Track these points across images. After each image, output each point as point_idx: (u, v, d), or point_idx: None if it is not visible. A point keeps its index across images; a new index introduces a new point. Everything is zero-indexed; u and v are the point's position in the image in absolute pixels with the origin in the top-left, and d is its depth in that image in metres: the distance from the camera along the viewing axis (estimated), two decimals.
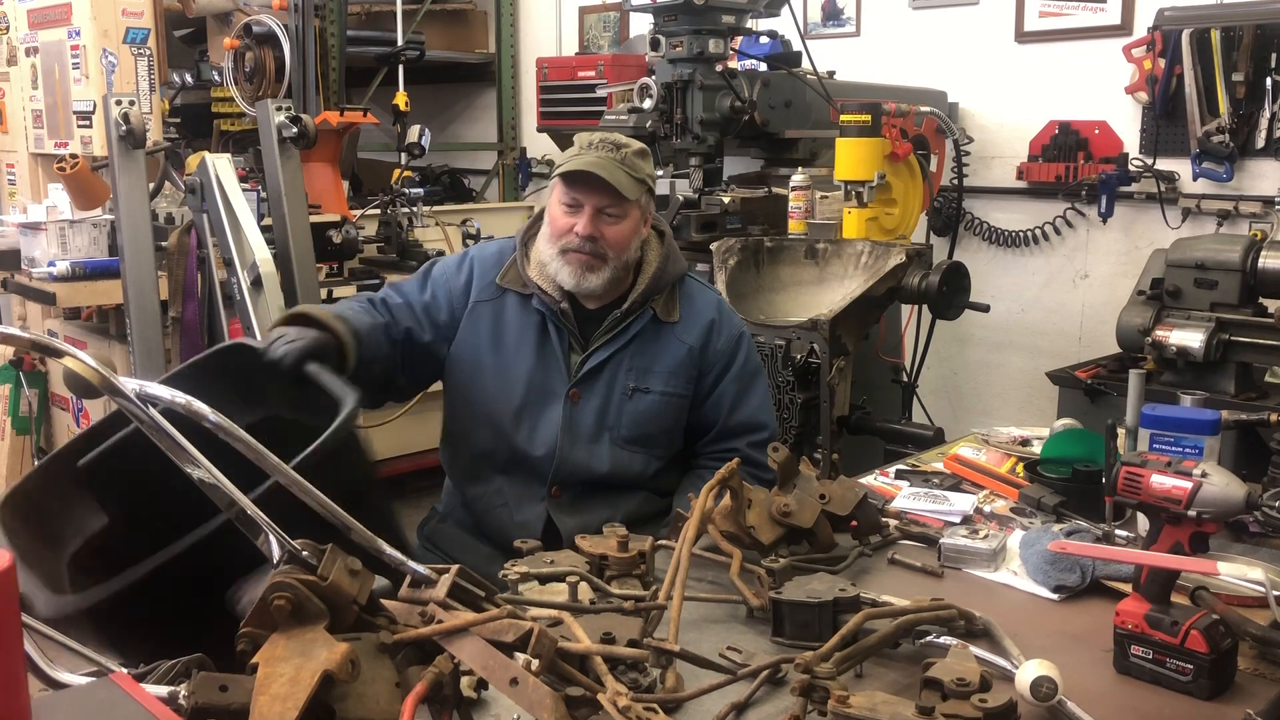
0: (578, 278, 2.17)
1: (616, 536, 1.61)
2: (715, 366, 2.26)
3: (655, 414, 2.23)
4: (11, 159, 4.89)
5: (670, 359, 2.23)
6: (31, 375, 4.36)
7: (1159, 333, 3.03)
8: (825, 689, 1.22)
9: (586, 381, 2.22)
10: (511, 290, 2.26)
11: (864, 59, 4.65)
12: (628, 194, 2.13)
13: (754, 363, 2.33)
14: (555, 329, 2.23)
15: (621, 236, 2.17)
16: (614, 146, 2.16)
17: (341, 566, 1.13)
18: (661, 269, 2.25)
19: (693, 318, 2.27)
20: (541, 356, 2.23)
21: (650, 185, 2.22)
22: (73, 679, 1.15)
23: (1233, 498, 1.52)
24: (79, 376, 1.12)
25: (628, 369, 2.22)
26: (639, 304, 2.23)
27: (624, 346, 2.22)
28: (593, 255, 2.16)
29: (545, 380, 2.22)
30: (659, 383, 2.23)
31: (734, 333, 2.30)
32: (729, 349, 2.28)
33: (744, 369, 2.29)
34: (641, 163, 2.18)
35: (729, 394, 2.27)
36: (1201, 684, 1.39)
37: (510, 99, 6.16)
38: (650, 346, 2.23)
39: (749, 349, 2.33)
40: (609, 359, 2.22)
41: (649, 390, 2.22)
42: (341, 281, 4.13)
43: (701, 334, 2.26)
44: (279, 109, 3.20)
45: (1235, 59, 3.63)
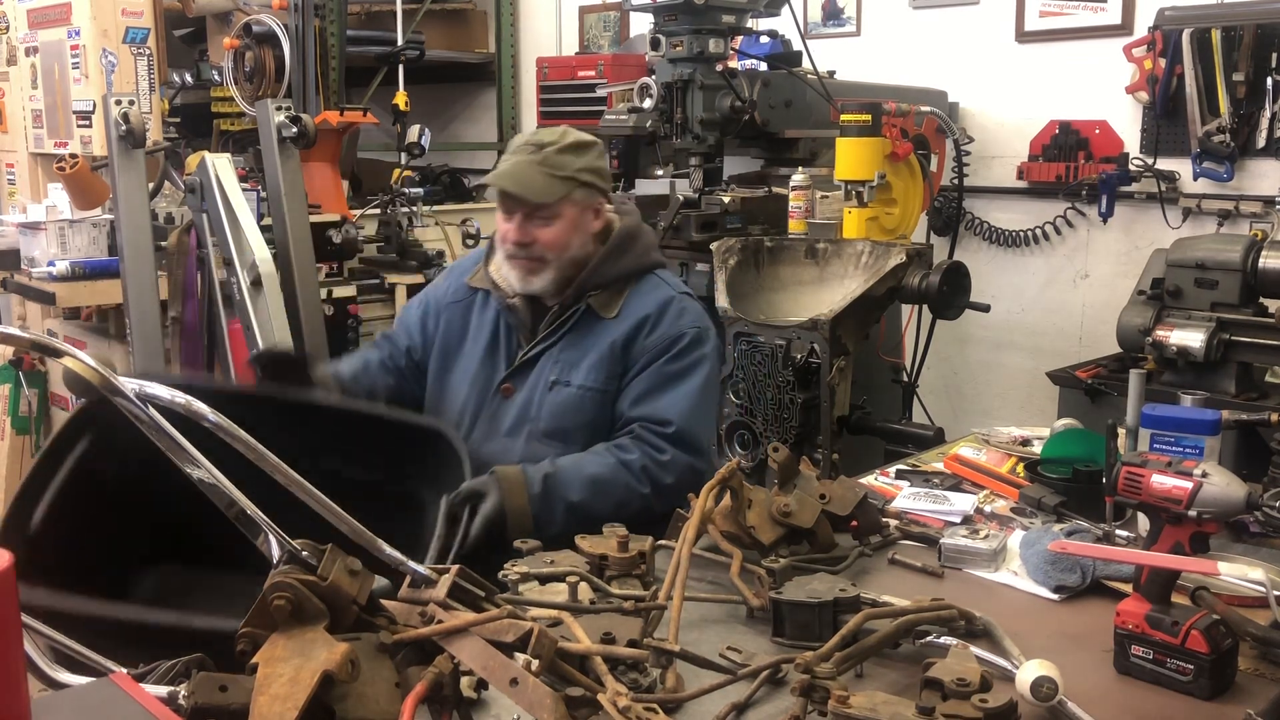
0: (523, 282, 2.20)
1: (616, 536, 1.61)
2: (638, 362, 2.20)
3: (572, 408, 2.20)
4: (11, 159, 4.89)
5: (595, 353, 2.20)
6: (31, 375, 4.36)
7: (1159, 333, 3.03)
8: (825, 689, 1.22)
9: (518, 376, 2.24)
10: (479, 289, 2.31)
11: (864, 59, 4.65)
12: (540, 198, 2.12)
13: (683, 365, 2.21)
14: (506, 326, 2.27)
15: (556, 237, 2.16)
16: (536, 147, 2.14)
17: (341, 566, 1.12)
18: (601, 265, 2.22)
19: (629, 314, 2.22)
20: (491, 354, 2.28)
21: (584, 179, 2.17)
22: (73, 679, 1.15)
23: (1233, 498, 1.52)
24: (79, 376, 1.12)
25: (555, 362, 2.22)
26: (572, 299, 2.21)
27: (555, 342, 2.23)
28: (530, 259, 2.17)
29: (490, 376, 2.27)
30: (579, 376, 2.20)
31: (671, 333, 2.21)
32: (657, 346, 2.20)
33: (665, 366, 2.19)
34: (569, 158, 2.14)
35: (638, 388, 2.20)
36: (1202, 684, 1.39)
37: (510, 99, 6.16)
38: (581, 341, 2.21)
39: (683, 351, 2.21)
40: (542, 353, 2.23)
41: (568, 384, 2.20)
42: (341, 281, 4.13)
43: (630, 330, 2.20)
44: (279, 109, 3.20)
45: (1236, 59, 3.62)
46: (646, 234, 2.35)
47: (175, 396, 1.28)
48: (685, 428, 2.17)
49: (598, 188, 2.21)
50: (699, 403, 2.21)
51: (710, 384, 2.28)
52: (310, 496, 1.22)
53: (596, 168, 2.22)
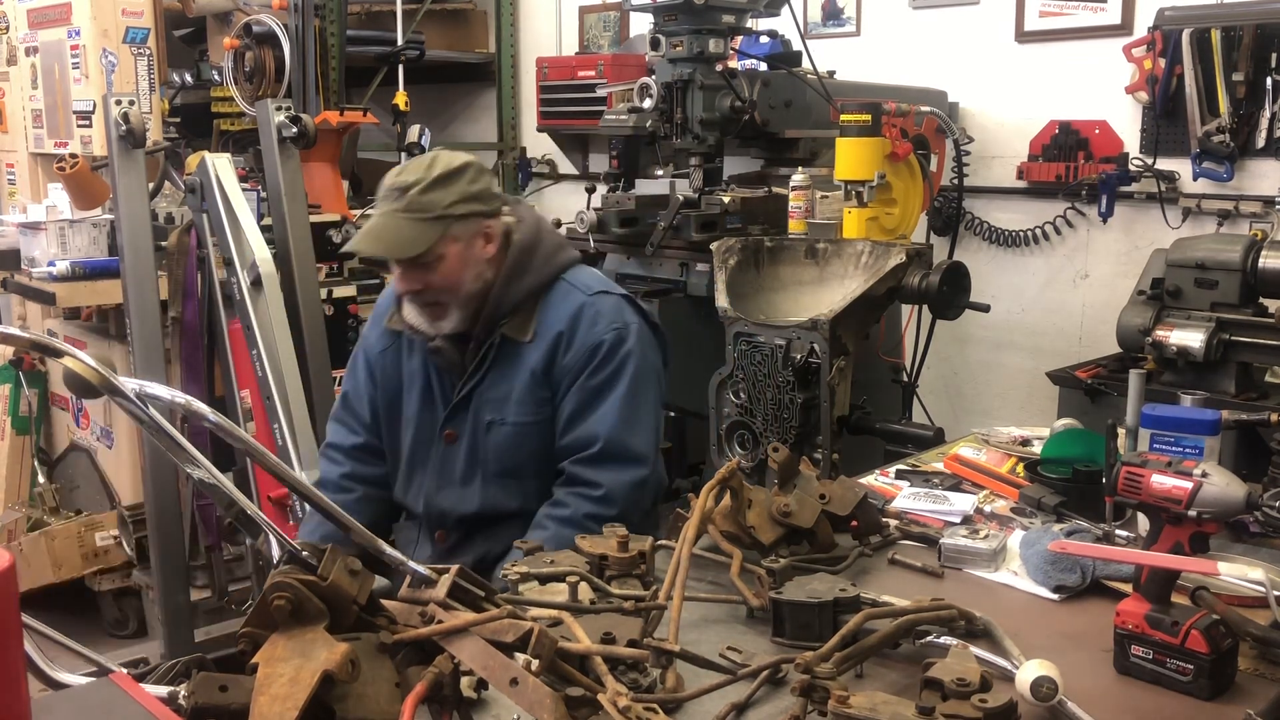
0: (431, 326, 2.11)
1: (616, 536, 1.61)
2: (562, 383, 2.12)
3: (515, 445, 2.12)
4: (11, 159, 4.89)
5: (520, 385, 2.11)
6: (31, 375, 4.36)
7: (1159, 333, 3.03)
8: (825, 689, 1.22)
9: (455, 420, 2.15)
10: (403, 332, 2.19)
11: (864, 59, 4.64)
12: (409, 252, 2.01)
13: (608, 373, 2.11)
14: (435, 368, 2.18)
15: (445, 279, 2.06)
16: (399, 192, 2.01)
17: (341, 566, 1.13)
18: (503, 290, 2.10)
19: (544, 334, 2.12)
20: (426, 400, 2.19)
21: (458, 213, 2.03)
22: (73, 679, 1.15)
23: (1233, 498, 1.52)
24: (79, 376, 1.12)
25: (486, 401, 2.12)
26: (484, 335, 2.11)
27: (481, 379, 2.13)
28: (429, 304, 2.08)
29: (429, 424, 2.18)
30: (511, 413, 2.11)
31: (590, 341, 2.10)
32: (577, 361, 2.10)
33: (589, 380, 2.10)
34: (437, 195, 2.01)
35: (566, 410, 2.11)
36: (1202, 684, 1.39)
37: (510, 99, 6.16)
38: (506, 374, 2.12)
39: (604, 360, 2.11)
40: (471, 392, 2.14)
41: (505, 421, 2.12)
42: (341, 281, 4.13)
43: (546, 352, 2.10)
44: (279, 109, 3.20)
45: (1235, 59, 3.62)
46: (546, 239, 2.20)
47: (175, 397, 1.28)
48: (615, 439, 2.09)
49: (478, 213, 2.07)
50: (628, 408, 2.12)
51: (640, 381, 2.16)
52: (310, 496, 1.22)
53: (472, 193, 2.07)
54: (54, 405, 4.43)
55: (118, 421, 3.92)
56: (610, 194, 3.75)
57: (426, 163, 2.06)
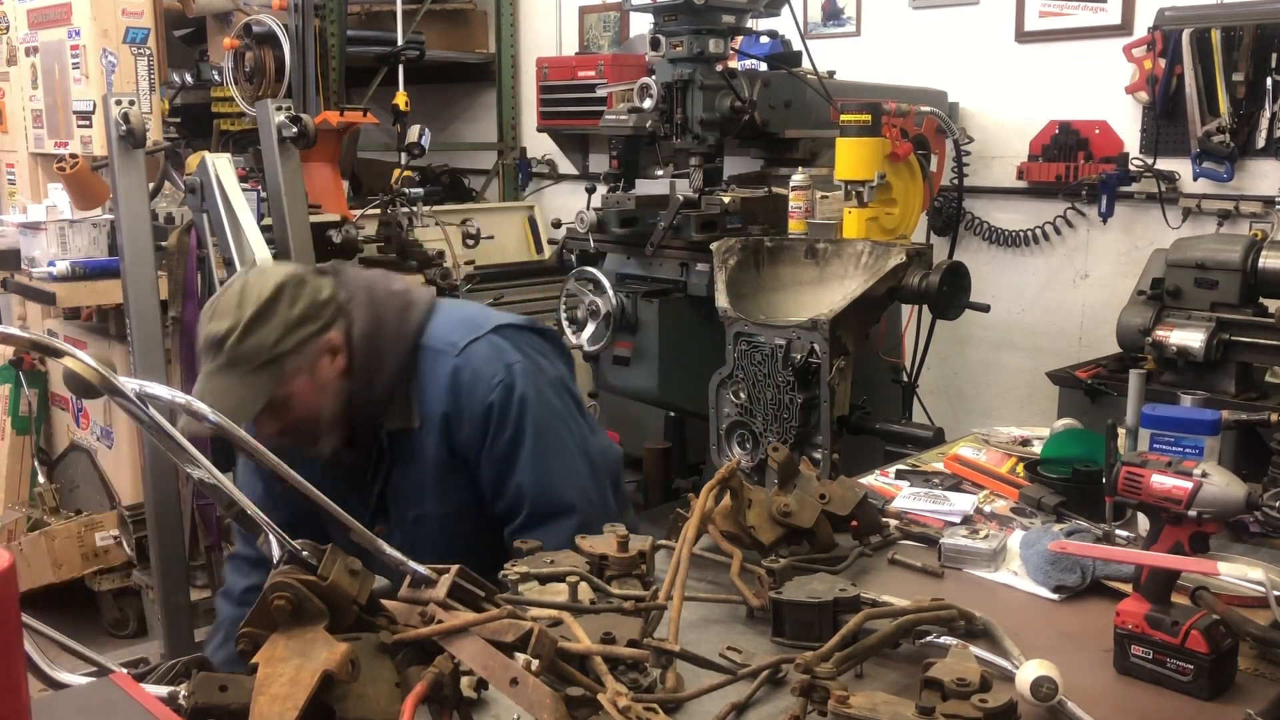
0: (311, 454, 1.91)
1: (616, 536, 1.61)
2: (469, 456, 1.96)
3: (449, 533, 2.00)
4: (11, 159, 4.89)
5: (428, 478, 1.96)
6: (31, 375, 4.36)
7: (1159, 333, 3.03)
8: (825, 689, 1.22)
9: (381, 516, 2.01)
10: None
11: (864, 59, 4.65)
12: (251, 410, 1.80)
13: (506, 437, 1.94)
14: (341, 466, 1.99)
15: (302, 413, 1.86)
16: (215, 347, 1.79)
17: (341, 566, 1.13)
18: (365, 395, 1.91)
19: (430, 417, 1.93)
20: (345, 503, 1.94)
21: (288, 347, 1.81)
22: (73, 679, 1.15)
23: (1233, 498, 1.52)
24: (79, 376, 1.12)
25: (402, 496, 1.98)
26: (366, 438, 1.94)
27: (387, 477, 1.98)
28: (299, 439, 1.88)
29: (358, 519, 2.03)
30: (432, 504, 1.98)
31: (477, 410, 1.93)
32: (475, 434, 1.94)
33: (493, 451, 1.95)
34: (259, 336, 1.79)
35: (486, 481, 1.97)
36: (1202, 684, 1.39)
37: (510, 99, 6.16)
38: (410, 467, 1.96)
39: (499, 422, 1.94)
40: (384, 490, 2.00)
41: (429, 514, 1.98)
42: None
43: (441, 438, 1.93)
44: (279, 109, 3.20)
45: (1235, 59, 3.62)
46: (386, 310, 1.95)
47: (175, 397, 1.28)
48: (539, 498, 1.96)
49: (311, 335, 1.84)
50: (541, 460, 1.96)
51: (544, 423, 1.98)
52: (310, 496, 1.22)
53: (295, 318, 1.83)
54: (54, 405, 4.43)
55: (118, 421, 3.92)
56: (610, 194, 3.75)
57: (235, 301, 1.82)
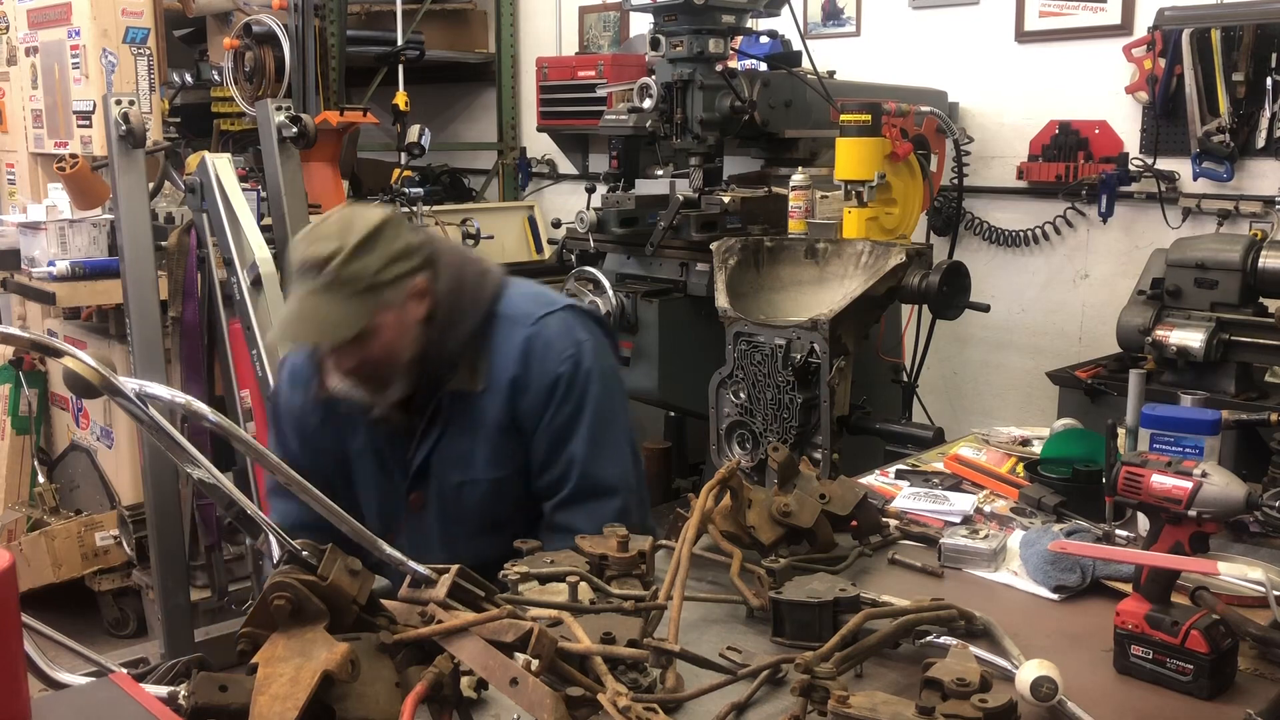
0: (374, 402, 1.93)
1: (616, 536, 1.61)
2: (525, 428, 1.97)
3: (494, 501, 2.00)
4: (11, 159, 4.89)
5: (486, 441, 1.96)
6: (31, 375, 4.36)
7: (1159, 333, 3.03)
8: (825, 689, 1.22)
9: (420, 483, 2.02)
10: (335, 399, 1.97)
11: (864, 59, 4.65)
12: (346, 333, 1.81)
13: (569, 411, 1.97)
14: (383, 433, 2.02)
15: (383, 353, 1.87)
16: (316, 268, 1.80)
17: (341, 566, 1.13)
18: (439, 346, 1.92)
19: (497, 380, 1.95)
20: (381, 466, 2.03)
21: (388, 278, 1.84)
22: (73, 679, 1.15)
23: (1233, 498, 1.52)
24: (79, 376, 1.12)
25: (449, 462, 1.98)
26: (428, 395, 1.95)
27: (439, 439, 1.98)
28: (367, 382, 1.90)
29: (391, 489, 2.04)
30: (481, 470, 1.98)
31: (545, 381, 1.96)
32: (537, 405, 1.96)
33: (555, 418, 1.96)
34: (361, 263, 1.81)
35: (538, 453, 1.98)
36: (1202, 684, 1.39)
37: (510, 99, 6.16)
38: (464, 429, 1.96)
39: (565, 394, 1.97)
40: (431, 454, 1.99)
41: (476, 480, 1.98)
42: None
43: (506, 402, 1.95)
44: (279, 109, 3.19)
45: (1235, 59, 3.62)
46: (468, 272, 2.00)
47: (175, 397, 1.28)
48: (586, 476, 1.98)
49: (407, 273, 1.87)
50: (596, 440, 1.99)
51: (604, 404, 2.01)
52: (310, 497, 1.22)
53: (395, 252, 1.86)
54: (54, 405, 4.43)
55: (118, 421, 3.92)
56: (610, 194, 3.75)
57: (340, 227, 1.84)
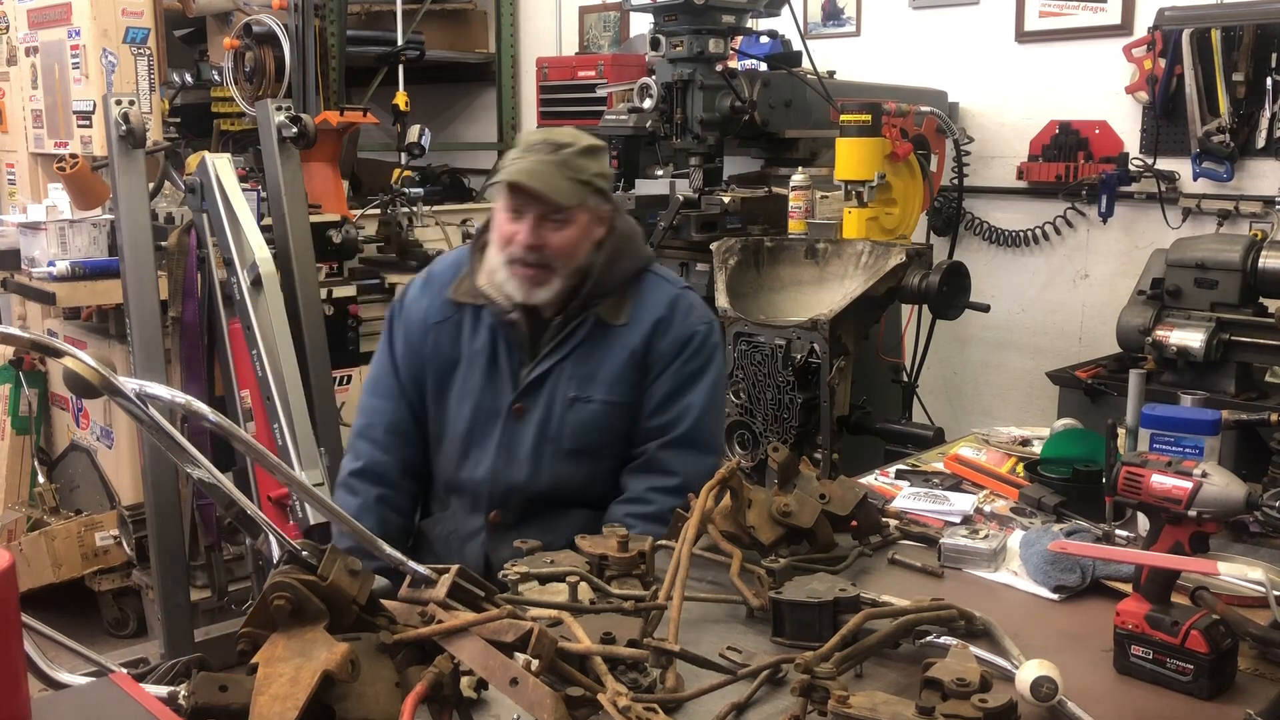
0: (525, 291, 2.07)
1: (616, 536, 1.61)
2: (656, 366, 2.12)
3: (597, 424, 2.10)
4: (11, 159, 4.89)
5: (613, 365, 2.10)
6: (31, 375, 4.36)
7: (1159, 333, 3.03)
8: (825, 689, 1.22)
9: (529, 394, 2.11)
10: (466, 304, 2.16)
11: (864, 59, 4.65)
12: (565, 200, 2.01)
13: (699, 362, 2.15)
14: (505, 342, 2.13)
15: (567, 243, 2.05)
16: (554, 147, 2.02)
17: (341, 566, 1.13)
18: (605, 272, 2.11)
19: (640, 319, 2.12)
20: (491, 375, 2.14)
21: (598, 184, 2.07)
22: (73, 679, 1.15)
23: (1233, 498, 1.52)
24: (79, 376, 1.12)
25: (569, 378, 2.10)
26: (578, 311, 2.10)
27: (566, 355, 2.11)
28: (539, 267, 2.05)
29: (494, 399, 2.13)
30: (601, 390, 2.10)
31: (684, 332, 2.13)
32: (674, 347, 2.12)
33: (683, 368, 2.13)
34: (586, 161, 2.04)
35: (660, 391, 2.12)
36: (1202, 684, 1.39)
37: (510, 99, 6.16)
38: (594, 354, 2.11)
39: (699, 348, 2.15)
40: (551, 369, 2.11)
41: (590, 399, 2.10)
42: (341, 281, 4.13)
43: (645, 336, 2.11)
44: (279, 109, 3.19)
45: (1235, 59, 3.63)
46: (638, 231, 2.26)
47: (175, 397, 1.28)
48: (700, 426, 2.13)
49: (607, 194, 2.12)
50: (712, 399, 2.18)
51: (720, 377, 2.24)
52: (310, 497, 1.22)
53: (608, 174, 2.12)
54: (54, 405, 4.43)
55: (118, 421, 3.92)
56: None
57: (571, 132, 2.09)
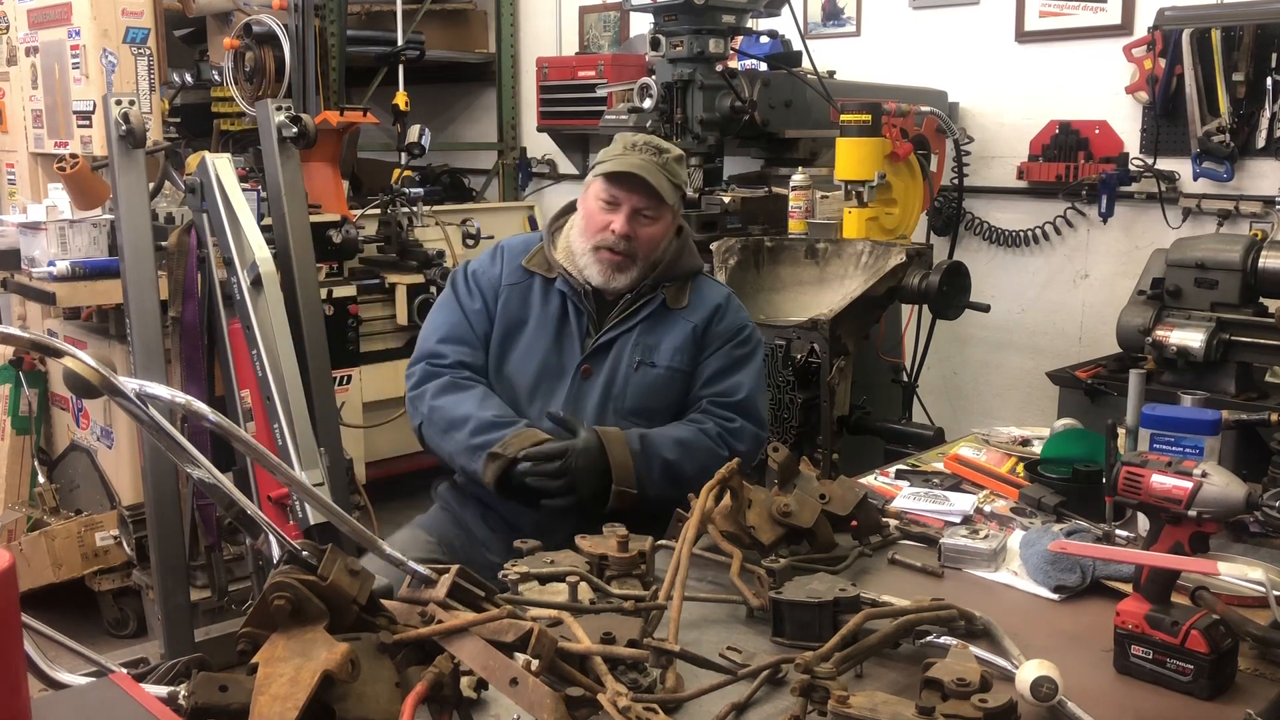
0: (606, 276, 2.27)
1: (616, 536, 1.61)
2: (711, 344, 2.34)
3: (659, 387, 2.30)
4: (11, 159, 4.88)
5: (676, 336, 2.31)
6: (31, 375, 4.35)
7: (1159, 333, 3.03)
8: (825, 689, 1.22)
9: (596, 357, 2.29)
10: (537, 273, 2.34)
11: (864, 59, 4.65)
12: (667, 198, 2.23)
13: (749, 349, 2.37)
14: (575, 310, 2.31)
15: (654, 238, 2.27)
16: (656, 150, 2.25)
17: (341, 566, 1.12)
18: (675, 260, 2.34)
19: (700, 303, 2.35)
20: (559, 336, 2.31)
21: (684, 190, 2.33)
22: (73, 679, 1.15)
23: (1233, 498, 1.52)
24: (79, 376, 1.12)
25: (635, 344, 2.29)
26: (649, 288, 2.31)
27: (633, 326, 2.30)
28: (625, 255, 2.25)
29: (560, 358, 2.30)
30: (664, 358, 2.30)
31: (738, 322, 2.38)
32: (727, 332, 2.35)
33: (735, 350, 2.34)
34: (679, 168, 2.28)
35: (712, 366, 2.33)
36: (1202, 684, 1.39)
37: (510, 99, 6.16)
38: (658, 327, 2.31)
39: (747, 339, 2.38)
40: (618, 337, 2.30)
41: (654, 365, 2.29)
42: (341, 281, 4.13)
43: (706, 315, 2.34)
44: (279, 109, 3.19)
45: (1235, 59, 3.63)
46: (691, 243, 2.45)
47: (175, 397, 1.28)
48: (751, 400, 2.32)
49: (683, 201, 2.38)
50: (759, 383, 2.39)
51: (764, 369, 2.46)
52: (310, 497, 1.22)
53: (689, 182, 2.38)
54: (54, 405, 4.42)
55: (118, 421, 3.92)
56: None
57: (663, 140, 2.34)
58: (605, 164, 2.23)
